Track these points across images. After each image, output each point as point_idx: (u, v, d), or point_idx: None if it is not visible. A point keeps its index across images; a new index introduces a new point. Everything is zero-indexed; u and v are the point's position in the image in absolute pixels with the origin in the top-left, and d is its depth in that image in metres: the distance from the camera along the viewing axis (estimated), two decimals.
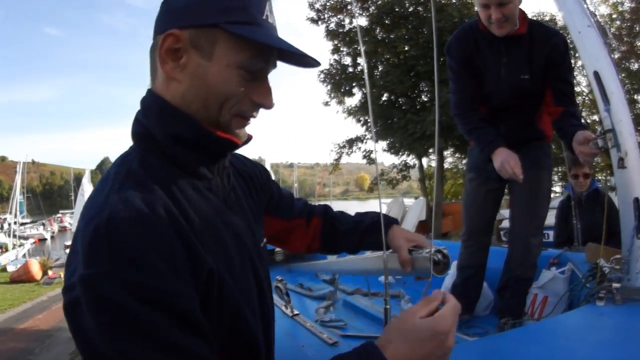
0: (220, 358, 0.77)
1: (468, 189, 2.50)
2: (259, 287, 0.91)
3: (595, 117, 19.24)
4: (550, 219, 3.11)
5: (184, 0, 0.80)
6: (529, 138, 2.27)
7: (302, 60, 0.87)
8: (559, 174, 15.21)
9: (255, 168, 1.17)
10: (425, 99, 14.54)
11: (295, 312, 1.69)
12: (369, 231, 1.28)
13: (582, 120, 2.06)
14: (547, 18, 14.87)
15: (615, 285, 1.41)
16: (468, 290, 2.39)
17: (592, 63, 1.51)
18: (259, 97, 0.85)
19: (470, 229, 2.43)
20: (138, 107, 0.86)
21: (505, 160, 2.07)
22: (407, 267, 1.14)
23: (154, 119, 0.82)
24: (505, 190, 2.47)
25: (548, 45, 2.09)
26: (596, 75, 1.49)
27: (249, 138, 0.92)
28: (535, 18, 2.12)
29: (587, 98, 18.14)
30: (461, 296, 2.36)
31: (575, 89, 2.32)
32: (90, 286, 0.63)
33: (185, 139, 0.81)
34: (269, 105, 0.87)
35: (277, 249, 3.64)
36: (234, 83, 0.80)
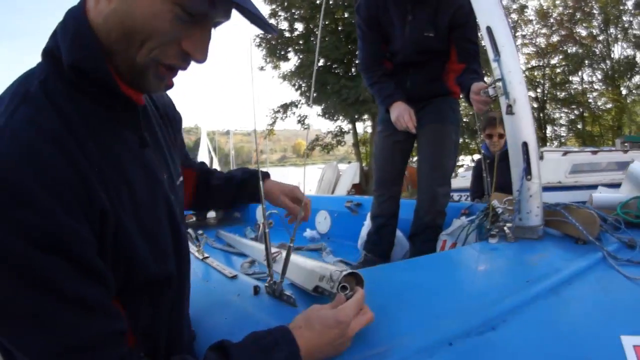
0: (116, 304, 0.71)
1: (377, 141, 2.60)
2: (173, 223, 0.85)
3: (531, 93, 20.39)
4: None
5: None
6: (435, 94, 2.36)
7: (258, 21, 0.73)
8: None
9: (166, 97, 1.06)
10: None
11: (206, 255, 1.73)
12: (243, 185, 1.31)
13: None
14: None
15: (508, 224, 1.53)
16: (381, 238, 2.49)
17: (486, 19, 1.60)
18: (190, 45, 0.72)
19: (379, 179, 2.51)
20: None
21: (400, 114, 2.24)
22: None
23: (66, 37, 0.70)
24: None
25: (454, 6, 2.16)
26: (489, 30, 1.59)
27: (168, 85, 0.79)
28: None
29: (524, 75, 19.11)
30: (375, 244, 2.50)
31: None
32: None
33: (86, 71, 0.69)
34: (198, 57, 0.74)
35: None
36: (163, 19, 0.68)
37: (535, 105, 22.08)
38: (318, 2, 14.20)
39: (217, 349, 0.74)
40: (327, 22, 14.62)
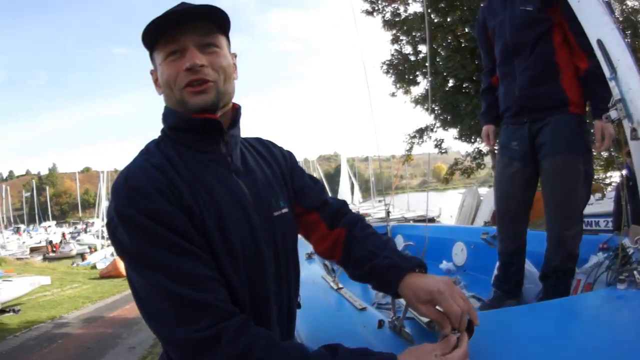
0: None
1: (496, 172, 2.45)
2: (254, 243, 1.11)
3: None
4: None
5: None
6: (550, 103, 2.10)
7: (190, 14, 1.08)
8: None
9: (279, 151, 1.38)
10: None
11: (340, 285, 1.86)
12: (379, 272, 1.18)
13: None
14: None
15: (638, 267, 1.32)
16: (507, 276, 2.34)
17: (595, 31, 1.42)
18: (184, 64, 1.08)
19: (499, 216, 2.36)
20: None
21: (484, 133, 2.30)
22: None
23: (162, 119, 1.19)
24: None
25: None
26: (599, 43, 1.40)
27: (237, 108, 1.22)
28: None
29: None
30: (502, 282, 2.38)
31: None
32: (118, 212, 0.98)
33: (175, 125, 1.15)
34: (189, 63, 1.07)
35: None
36: (166, 69, 1.11)
37: None
38: (436, 20, 13.92)
39: (330, 347, 0.98)
40: (449, 40, 14.25)
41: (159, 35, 1.09)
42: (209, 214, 1.04)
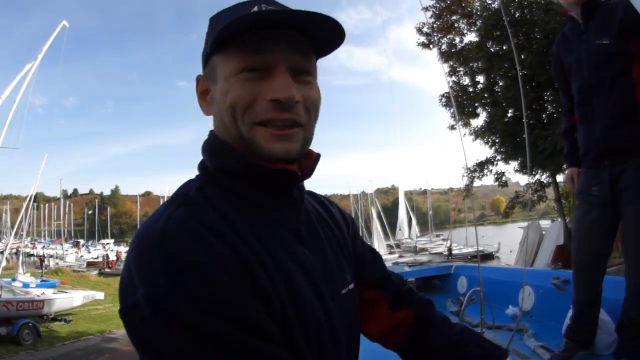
0: None
1: (574, 218, 2.35)
2: (334, 340, 0.83)
3: None
4: None
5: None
6: (632, 144, 1.96)
7: (318, 26, 0.77)
8: None
9: (338, 211, 1.09)
10: (552, 110, 13.39)
11: None
12: (469, 355, 1.02)
13: None
14: None
15: None
16: (580, 327, 2.20)
17: None
18: (271, 92, 0.75)
19: (575, 262, 2.22)
20: None
21: (566, 180, 2.25)
22: None
23: (205, 153, 0.85)
24: None
25: (620, 5, 1.91)
26: None
27: (316, 157, 0.87)
28: None
29: None
30: (574, 333, 2.24)
31: None
32: (154, 304, 0.63)
33: (234, 170, 0.80)
34: (281, 96, 0.75)
35: None
36: (235, 89, 0.76)
37: None
38: (492, 50, 13.64)
39: None
40: (507, 69, 13.89)
41: (238, 34, 0.75)
42: (287, 301, 0.74)
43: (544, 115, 13.35)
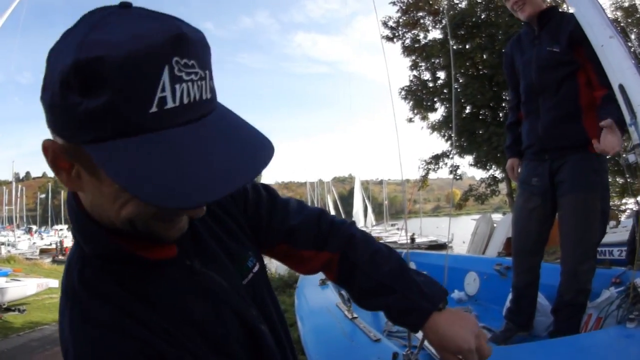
0: None
1: (515, 206, 2.51)
2: (247, 330, 0.86)
3: None
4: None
5: (47, 94, 0.59)
6: (572, 142, 2.16)
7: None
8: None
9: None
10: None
11: (355, 315, 1.86)
12: (396, 314, 1.01)
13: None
14: None
15: None
16: (520, 309, 2.37)
17: (617, 76, 1.47)
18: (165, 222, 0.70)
19: (515, 249, 2.41)
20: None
21: (509, 167, 2.39)
22: None
23: (75, 232, 0.74)
24: None
25: (572, 22, 2.06)
26: (621, 88, 1.45)
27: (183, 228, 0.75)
28: None
29: None
30: (514, 314, 2.44)
31: None
32: None
33: (113, 259, 0.73)
34: (173, 234, 0.72)
35: None
36: (135, 208, 0.64)
37: None
38: (455, 47, 14.02)
39: None
40: (468, 68, 14.34)
41: None
42: (198, 347, 0.74)
43: (500, 114, 13.86)
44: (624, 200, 13.67)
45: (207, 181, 0.57)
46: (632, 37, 12.29)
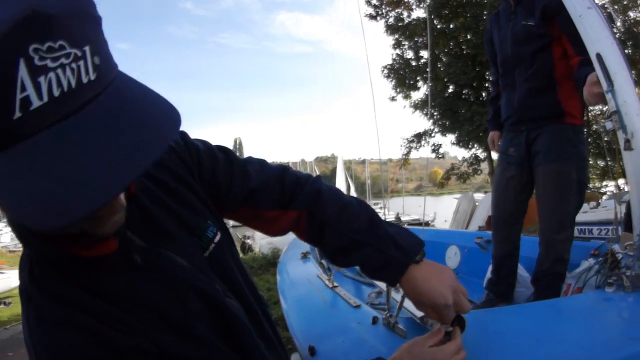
0: None
1: (494, 176, 2.55)
2: (212, 307, 0.82)
3: None
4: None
5: None
6: (547, 113, 2.19)
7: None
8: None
9: (182, 160, 0.92)
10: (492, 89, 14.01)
11: (335, 284, 1.89)
12: (371, 269, 0.98)
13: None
14: None
15: (626, 271, 1.36)
16: (499, 279, 2.40)
17: (595, 45, 1.48)
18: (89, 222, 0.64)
19: (493, 218, 2.45)
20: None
21: (490, 139, 2.44)
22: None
23: (15, 233, 0.71)
24: None
25: None
26: (599, 57, 1.46)
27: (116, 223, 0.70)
28: None
29: None
30: (495, 285, 2.46)
31: None
32: None
33: (53, 259, 0.71)
34: (108, 230, 0.68)
35: None
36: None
37: None
38: (439, 27, 13.99)
39: None
40: (451, 47, 14.34)
41: None
42: (158, 331, 0.73)
43: (483, 94, 13.94)
44: (604, 183, 13.92)
45: (91, 185, 0.49)
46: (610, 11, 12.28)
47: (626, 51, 15.34)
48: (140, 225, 0.78)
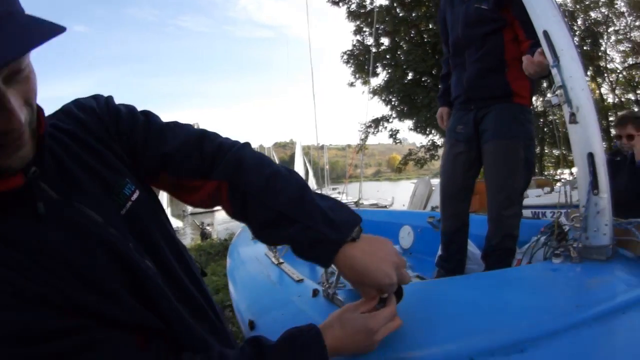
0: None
1: (443, 153, 2.56)
2: (124, 263, 0.78)
3: (631, 96, 18.20)
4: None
5: None
6: (495, 93, 2.22)
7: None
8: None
9: (100, 119, 0.90)
10: None
11: (281, 261, 1.88)
12: (300, 248, 0.87)
13: (616, 99, 2.08)
14: None
15: (573, 243, 1.40)
16: (449, 256, 2.43)
17: (542, 22, 1.50)
18: None
19: (441, 194, 2.46)
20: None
21: (439, 115, 2.51)
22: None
23: None
24: None
25: None
26: (545, 34, 1.48)
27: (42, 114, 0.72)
28: None
29: (620, 75, 17.24)
30: (444, 261, 2.47)
31: (609, 65, 2.38)
32: None
33: None
34: (13, 163, 0.67)
35: None
36: None
37: (637, 109, 17.78)
38: (401, 15, 14.08)
39: (254, 346, 0.79)
40: (412, 35, 14.48)
41: None
42: (65, 282, 0.69)
43: None
44: (558, 171, 14.49)
45: None
46: None
47: (585, 48, 16.03)
48: (55, 177, 0.77)
